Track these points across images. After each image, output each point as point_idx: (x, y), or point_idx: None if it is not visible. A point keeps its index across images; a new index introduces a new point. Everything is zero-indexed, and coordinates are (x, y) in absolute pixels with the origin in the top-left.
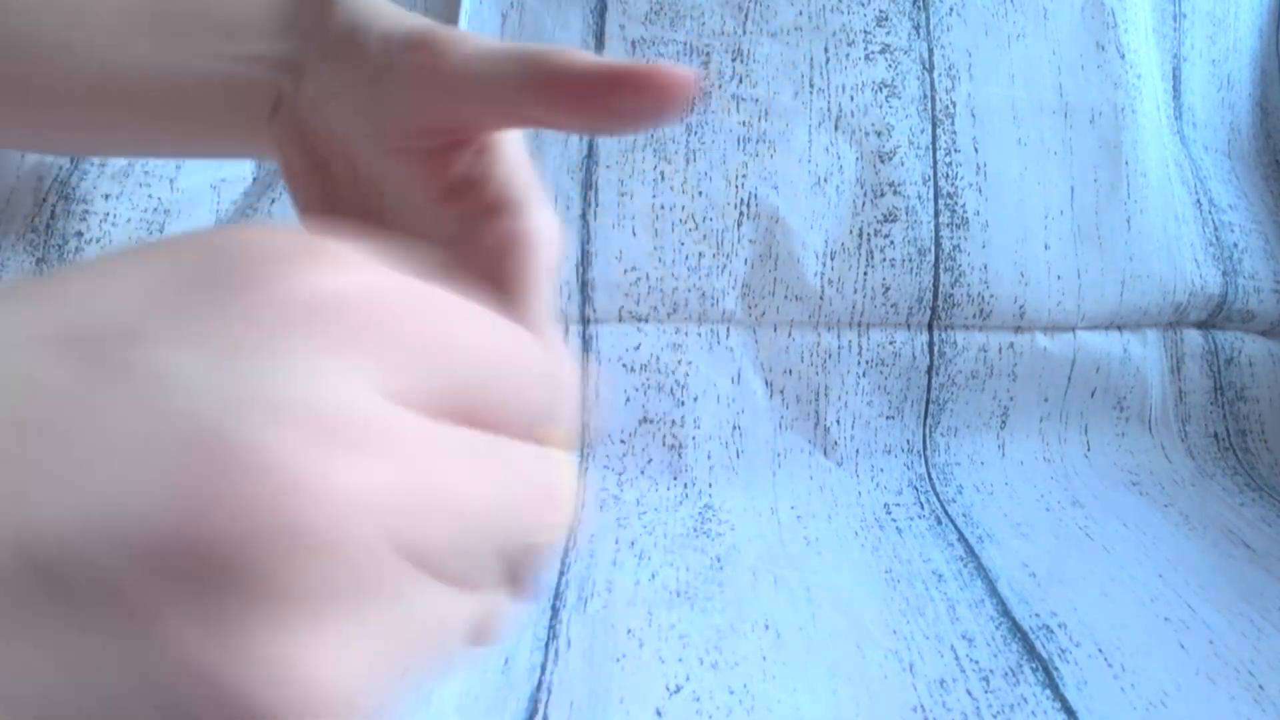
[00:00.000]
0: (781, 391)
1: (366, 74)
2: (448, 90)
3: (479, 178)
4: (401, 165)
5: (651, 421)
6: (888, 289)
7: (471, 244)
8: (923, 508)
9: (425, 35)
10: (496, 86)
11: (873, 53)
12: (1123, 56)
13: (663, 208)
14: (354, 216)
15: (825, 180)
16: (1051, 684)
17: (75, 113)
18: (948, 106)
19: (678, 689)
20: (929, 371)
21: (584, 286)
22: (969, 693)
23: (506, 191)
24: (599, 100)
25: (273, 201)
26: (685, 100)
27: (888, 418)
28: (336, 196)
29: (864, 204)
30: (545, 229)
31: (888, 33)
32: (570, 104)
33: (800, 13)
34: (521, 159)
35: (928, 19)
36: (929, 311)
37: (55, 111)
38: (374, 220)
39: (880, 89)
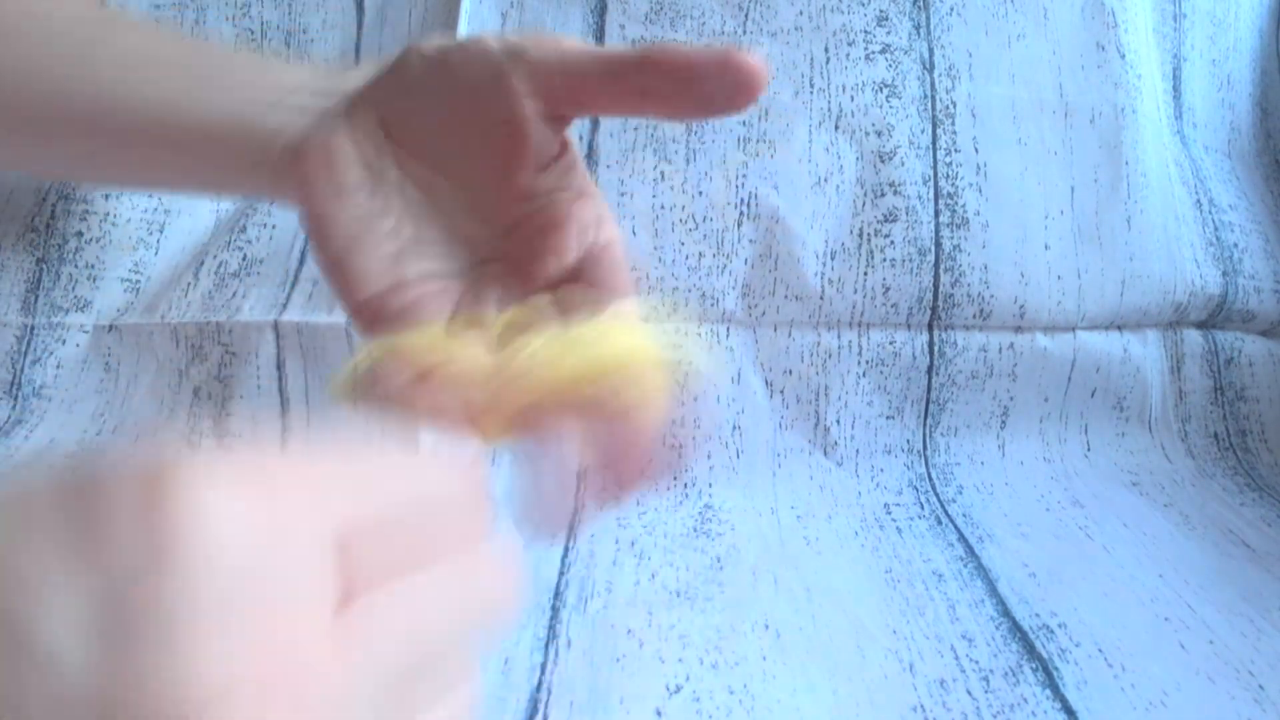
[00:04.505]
0: (781, 391)
1: (485, 64)
2: (571, 63)
3: (565, 164)
4: (495, 148)
5: None
6: (888, 289)
7: (545, 215)
8: (923, 508)
9: (547, 32)
10: (613, 63)
11: (873, 53)
12: (1123, 56)
13: (663, 208)
14: (391, 211)
15: (825, 180)
16: (1051, 684)
17: (73, 131)
18: (948, 106)
19: (678, 689)
20: (929, 371)
21: None
22: (969, 693)
23: (583, 182)
24: (702, 76)
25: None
26: (759, 82)
27: (888, 418)
28: (374, 194)
29: (864, 204)
30: (609, 214)
31: (888, 33)
32: (677, 75)
33: (800, 13)
34: (586, 170)
35: (928, 19)
36: (929, 311)
37: (54, 132)
38: (414, 212)
39: (880, 89)
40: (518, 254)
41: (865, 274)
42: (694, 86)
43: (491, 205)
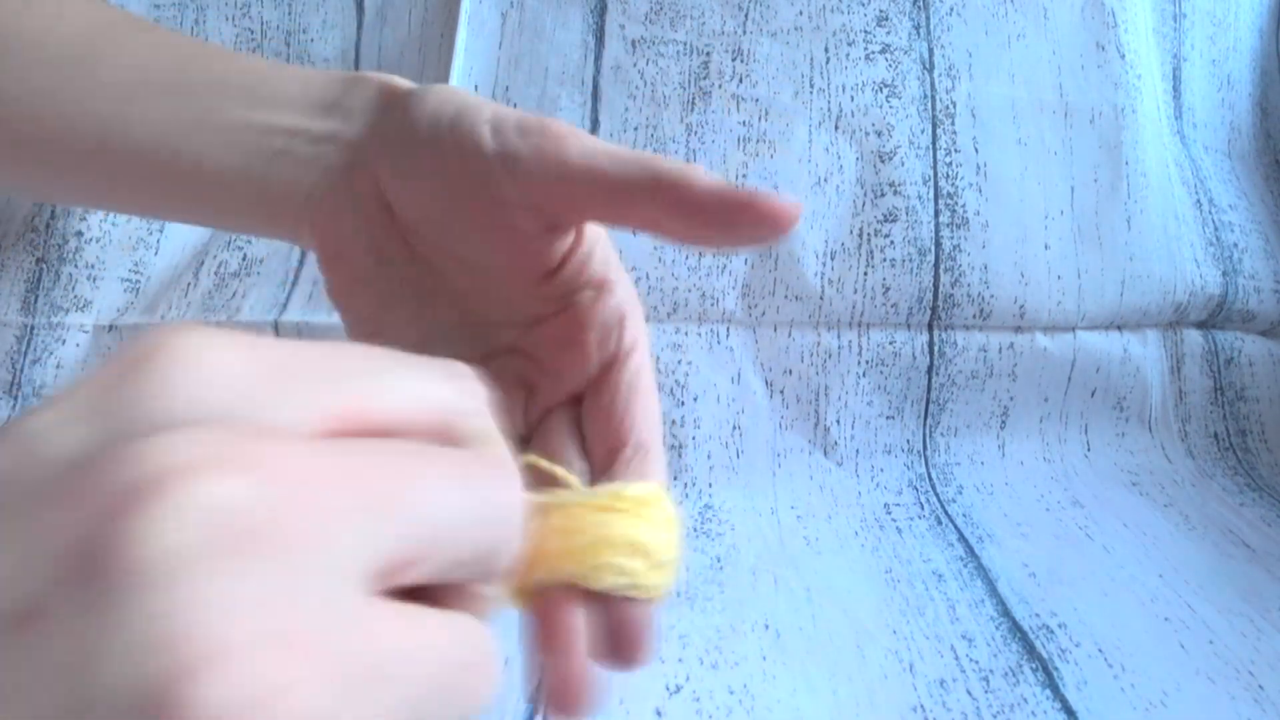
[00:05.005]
0: (781, 391)
1: (477, 161)
2: (571, 179)
3: (578, 260)
4: (498, 248)
5: None
6: (888, 289)
7: (565, 318)
8: (923, 508)
9: (543, 123)
10: (621, 183)
11: (873, 53)
12: (1123, 56)
13: None
14: (405, 294)
15: (825, 180)
16: (1051, 684)
17: (74, 166)
18: (948, 106)
19: (678, 689)
20: (929, 371)
21: None
22: (969, 693)
23: (603, 271)
24: (719, 219)
25: None
26: (788, 226)
27: (888, 418)
28: (384, 275)
29: (864, 204)
30: (634, 303)
31: (888, 33)
32: (691, 214)
33: (800, 13)
34: (607, 241)
35: (928, 19)
36: (929, 311)
37: (51, 164)
38: (428, 296)
39: (880, 89)
40: (538, 354)
41: (865, 274)
42: (711, 227)
43: (506, 298)
